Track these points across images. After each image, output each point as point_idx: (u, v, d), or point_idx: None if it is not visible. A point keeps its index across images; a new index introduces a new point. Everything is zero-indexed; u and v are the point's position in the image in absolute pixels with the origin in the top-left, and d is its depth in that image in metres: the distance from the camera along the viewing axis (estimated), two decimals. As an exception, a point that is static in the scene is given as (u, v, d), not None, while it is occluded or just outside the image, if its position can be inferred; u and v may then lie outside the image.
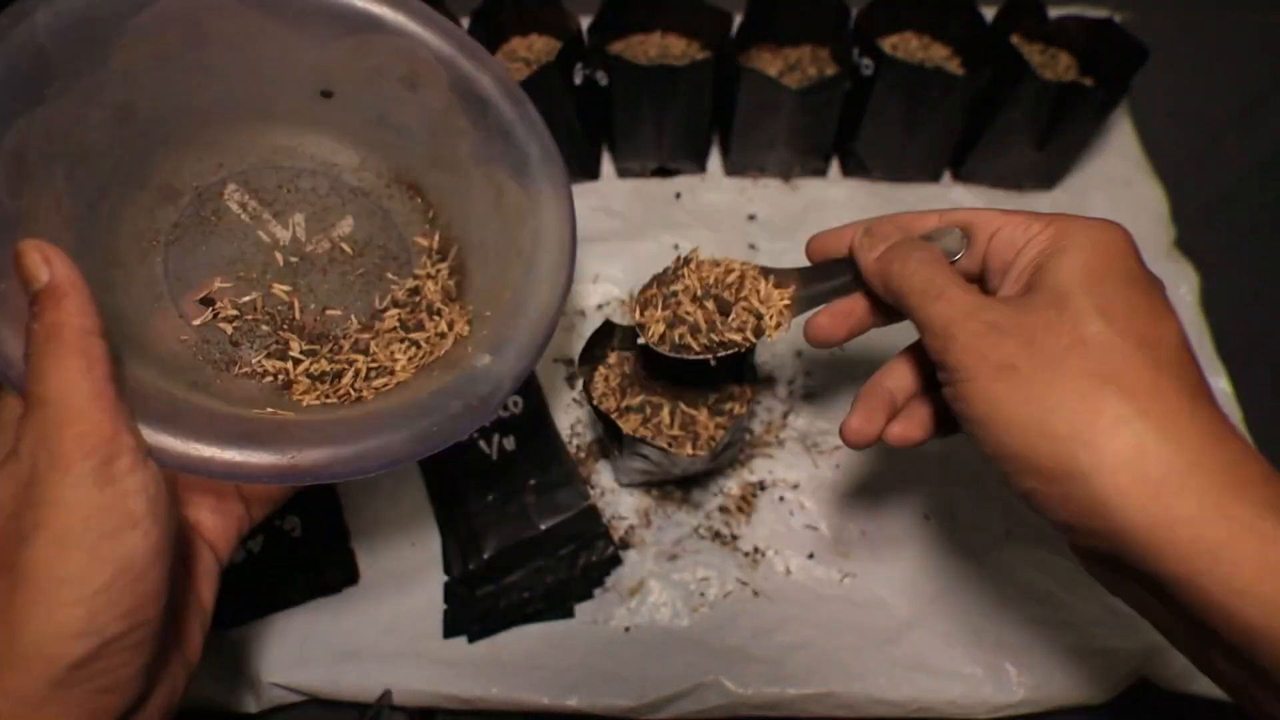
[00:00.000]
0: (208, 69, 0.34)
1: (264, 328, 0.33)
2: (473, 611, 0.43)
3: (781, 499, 0.46)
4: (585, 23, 0.53)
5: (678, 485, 0.46)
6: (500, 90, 0.37)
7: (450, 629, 0.43)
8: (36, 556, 0.22)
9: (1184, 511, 0.22)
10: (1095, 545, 0.24)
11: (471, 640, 0.43)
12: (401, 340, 0.34)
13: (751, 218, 0.56)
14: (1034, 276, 0.27)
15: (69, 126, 0.30)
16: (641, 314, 0.35)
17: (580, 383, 0.44)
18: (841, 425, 0.31)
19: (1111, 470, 0.23)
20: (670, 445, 0.38)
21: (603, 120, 0.56)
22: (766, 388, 0.50)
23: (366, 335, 0.34)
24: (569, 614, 0.43)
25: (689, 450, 0.38)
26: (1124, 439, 0.23)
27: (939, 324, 0.27)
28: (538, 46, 0.56)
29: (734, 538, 0.45)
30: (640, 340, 0.35)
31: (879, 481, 0.47)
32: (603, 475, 0.47)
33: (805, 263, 0.35)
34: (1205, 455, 0.22)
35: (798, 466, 0.47)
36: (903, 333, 0.31)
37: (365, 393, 0.32)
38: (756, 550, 0.45)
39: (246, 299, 0.33)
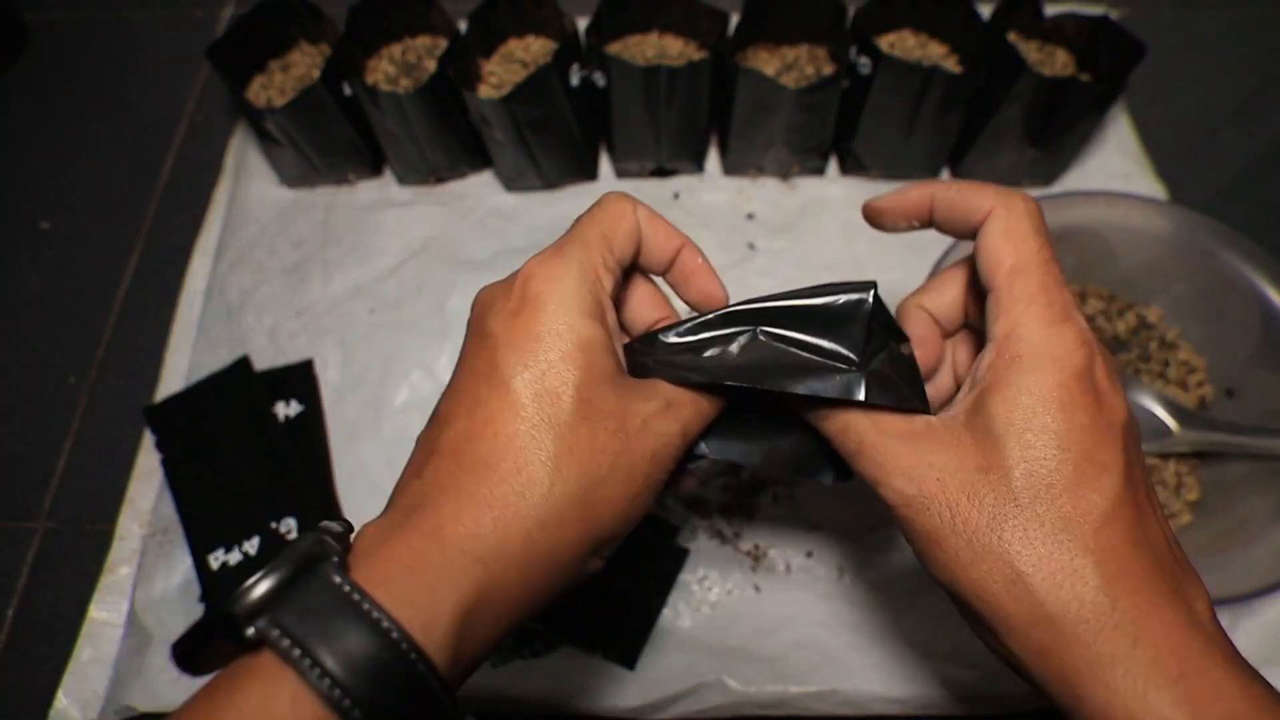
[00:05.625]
0: None
1: None
2: None
3: (780, 498, 0.46)
4: (582, 24, 0.54)
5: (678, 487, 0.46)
6: None
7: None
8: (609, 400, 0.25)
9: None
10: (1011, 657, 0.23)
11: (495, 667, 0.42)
12: None
13: (750, 217, 0.56)
14: (979, 400, 0.25)
15: None
16: None
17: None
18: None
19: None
20: None
21: (600, 121, 0.56)
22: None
23: None
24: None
25: None
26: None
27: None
28: (534, 48, 0.56)
29: (735, 536, 0.45)
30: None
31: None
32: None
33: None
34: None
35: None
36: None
37: None
38: (757, 549, 0.45)
39: None
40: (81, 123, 0.64)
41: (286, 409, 0.49)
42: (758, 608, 0.43)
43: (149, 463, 0.49)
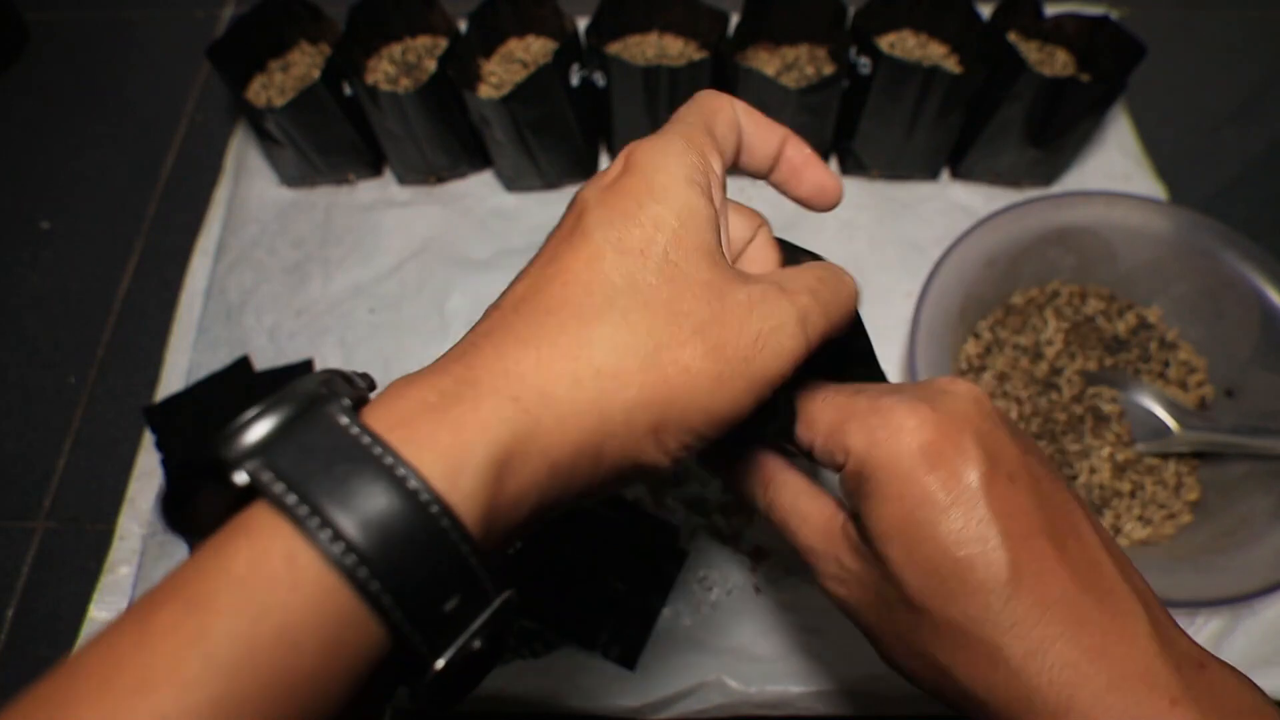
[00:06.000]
0: None
1: None
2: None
3: (782, 498, 0.46)
4: (582, 24, 0.54)
5: (678, 485, 0.46)
6: None
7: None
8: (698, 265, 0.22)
9: None
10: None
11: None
12: None
13: (750, 217, 0.56)
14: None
15: None
16: None
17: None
18: None
19: None
20: None
21: (601, 121, 0.56)
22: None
23: None
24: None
25: None
26: None
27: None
28: (534, 48, 0.56)
29: (735, 536, 0.45)
30: None
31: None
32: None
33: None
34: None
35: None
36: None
37: None
38: (758, 549, 0.45)
39: None
40: (81, 123, 0.64)
41: (286, 409, 0.49)
42: (758, 608, 0.43)
43: (149, 463, 0.49)
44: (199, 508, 0.18)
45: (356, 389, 0.20)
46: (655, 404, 0.20)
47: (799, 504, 0.27)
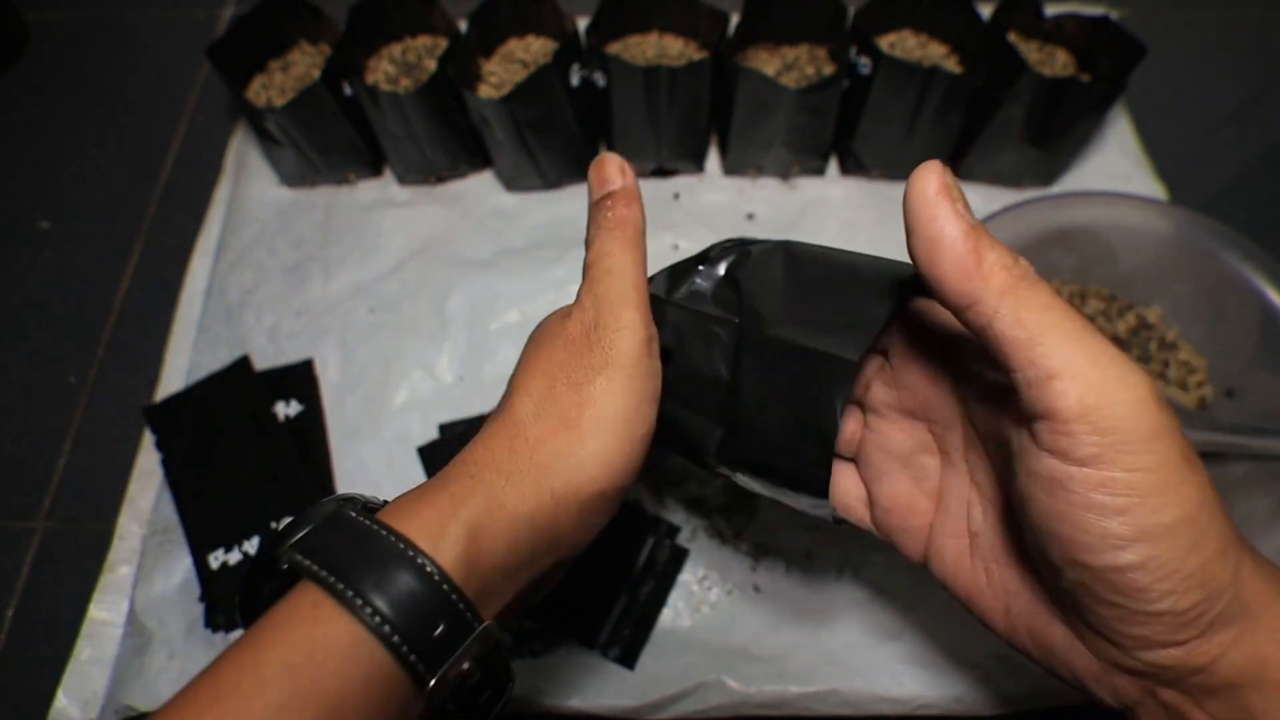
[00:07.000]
0: None
1: None
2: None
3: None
4: (582, 24, 0.54)
5: (678, 485, 0.46)
6: None
7: None
8: (596, 392, 0.27)
9: None
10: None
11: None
12: None
13: (750, 217, 0.56)
14: None
15: None
16: None
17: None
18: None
19: None
20: None
21: (600, 121, 0.56)
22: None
23: None
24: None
25: None
26: None
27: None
28: (535, 48, 0.56)
29: (735, 536, 0.45)
30: None
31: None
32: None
33: None
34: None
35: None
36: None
37: None
38: (758, 549, 0.45)
39: None
40: (81, 123, 0.64)
41: (286, 409, 0.49)
42: (758, 608, 0.43)
43: (149, 463, 0.49)
44: (258, 598, 0.24)
45: (364, 505, 0.26)
46: (574, 443, 0.26)
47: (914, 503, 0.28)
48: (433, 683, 0.22)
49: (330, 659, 0.21)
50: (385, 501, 0.26)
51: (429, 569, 0.22)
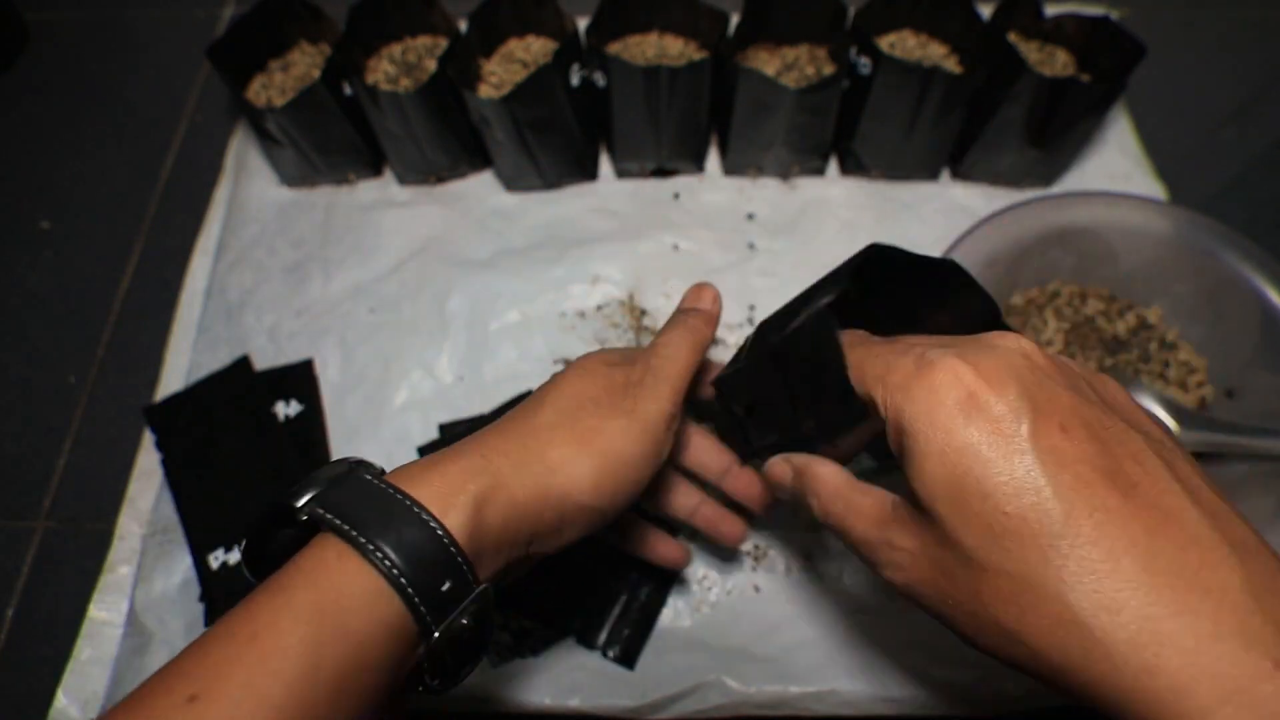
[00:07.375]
0: None
1: None
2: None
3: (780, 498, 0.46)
4: (582, 24, 0.54)
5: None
6: None
7: None
8: (613, 429, 0.31)
9: None
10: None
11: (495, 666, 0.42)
12: None
13: (750, 217, 0.56)
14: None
15: None
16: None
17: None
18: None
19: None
20: None
21: (601, 121, 0.56)
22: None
23: None
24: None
25: None
26: None
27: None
28: (535, 48, 0.56)
29: (735, 537, 0.45)
30: None
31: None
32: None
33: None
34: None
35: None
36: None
37: None
38: (758, 549, 0.45)
39: None
40: (81, 123, 0.64)
41: (286, 409, 0.49)
42: (758, 608, 0.43)
43: (149, 463, 0.49)
44: (267, 548, 0.26)
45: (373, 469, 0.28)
46: (582, 446, 0.30)
47: (850, 499, 0.28)
48: (436, 634, 0.25)
49: (355, 604, 0.23)
50: (384, 471, 0.28)
51: (439, 531, 0.25)
